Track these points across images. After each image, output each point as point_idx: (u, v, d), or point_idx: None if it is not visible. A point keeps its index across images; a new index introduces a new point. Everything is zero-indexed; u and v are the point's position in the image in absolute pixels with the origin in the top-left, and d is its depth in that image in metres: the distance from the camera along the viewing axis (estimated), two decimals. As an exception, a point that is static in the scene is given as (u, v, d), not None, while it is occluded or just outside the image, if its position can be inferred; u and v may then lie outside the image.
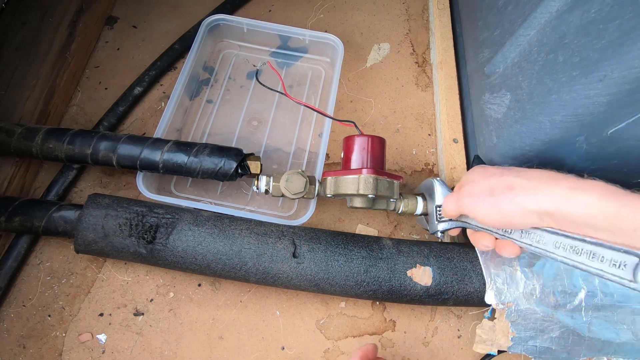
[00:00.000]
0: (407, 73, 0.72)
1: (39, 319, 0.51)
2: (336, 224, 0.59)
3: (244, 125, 0.65)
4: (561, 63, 0.40)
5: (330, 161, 0.63)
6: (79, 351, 0.50)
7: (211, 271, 0.49)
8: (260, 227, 0.50)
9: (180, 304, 0.53)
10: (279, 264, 0.48)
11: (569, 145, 0.44)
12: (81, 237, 0.48)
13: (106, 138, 0.52)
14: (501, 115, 0.51)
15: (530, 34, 0.47)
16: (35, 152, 0.52)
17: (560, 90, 0.40)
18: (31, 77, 0.61)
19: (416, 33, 0.76)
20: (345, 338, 0.53)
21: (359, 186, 0.47)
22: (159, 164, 0.51)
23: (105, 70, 0.69)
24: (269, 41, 0.70)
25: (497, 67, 0.53)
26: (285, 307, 0.54)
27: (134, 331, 0.51)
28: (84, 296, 0.53)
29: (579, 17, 0.38)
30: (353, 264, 0.48)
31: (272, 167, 0.62)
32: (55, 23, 0.66)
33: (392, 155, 0.65)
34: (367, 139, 0.50)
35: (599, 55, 0.35)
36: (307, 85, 0.69)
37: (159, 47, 0.71)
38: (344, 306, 0.54)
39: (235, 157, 0.51)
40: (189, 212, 0.50)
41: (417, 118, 0.68)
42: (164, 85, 0.69)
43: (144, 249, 0.48)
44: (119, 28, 0.74)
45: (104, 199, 0.50)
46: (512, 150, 0.50)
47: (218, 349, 0.51)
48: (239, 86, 0.68)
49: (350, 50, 0.73)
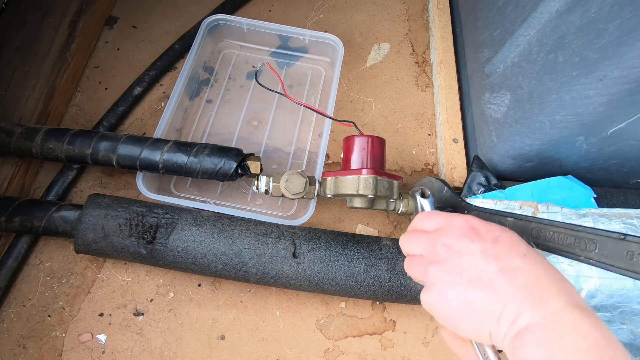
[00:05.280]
0: (407, 73, 0.72)
1: (39, 319, 0.51)
2: (336, 224, 0.59)
3: (244, 125, 0.65)
4: (561, 63, 0.40)
5: (330, 161, 0.63)
6: (79, 351, 0.50)
7: (211, 271, 0.49)
8: (260, 227, 0.50)
9: (180, 304, 0.53)
10: (279, 264, 0.47)
11: (569, 145, 0.44)
12: (81, 237, 0.48)
13: (106, 138, 0.52)
14: (501, 115, 0.51)
15: (530, 34, 0.47)
16: (35, 152, 0.52)
17: (560, 90, 0.40)
18: (31, 77, 0.61)
19: (416, 33, 0.76)
20: (345, 338, 0.53)
21: (359, 186, 0.47)
22: (159, 164, 0.51)
23: (105, 70, 0.69)
24: (269, 41, 0.70)
25: (497, 67, 0.54)
26: (285, 307, 0.54)
27: (134, 331, 0.51)
28: (84, 296, 0.53)
29: (579, 17, 0.38)
30: (353, 264, 0.48)
31: (272, 167, 0.62)
32: (55, 23, 0.66)
33: (392, 155, 0.65)
34: (367, 139, 0.50)
35: (599, 55, 0.35)
36: (307, 85, 0.69)
37: (159, 47, 0.71)
38: (344, 306, 0.54)
39: (235, 157, 0.51)
40: (189, 212, 0.50)
41: (417, 118, 0.68)
42: (164, 85, 0.69)
43: (144, 249, 0.48)
44: (119, 28, 0.74)
45: (104, 199, 0.50)
46: (512, 150, 0.50)
47: (218, 349, 0.51)
48: (239, 86, 0.68)
49: (350, 50, 0.73)
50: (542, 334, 0.25)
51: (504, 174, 0.55)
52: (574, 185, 0.48)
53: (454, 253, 0.31)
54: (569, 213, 0.46)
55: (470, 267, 0.30)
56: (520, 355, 0.25)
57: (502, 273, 0.28)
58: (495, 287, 0.28)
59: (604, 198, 0.50)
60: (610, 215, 0.45)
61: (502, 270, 0.28)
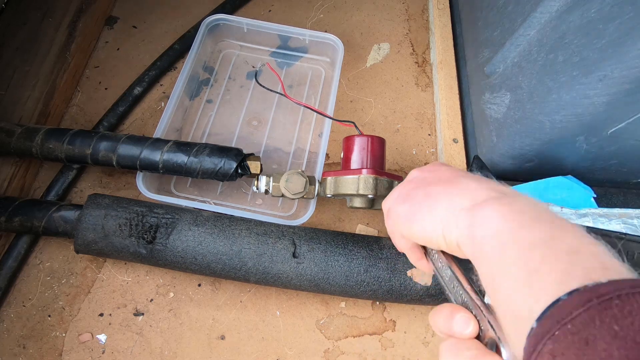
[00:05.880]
0: (407, 73, 0.72)
1: (39, 319, 0.51)
2: (336, 224, 0.59)
3: (244, 125, 0.65)
4: (561, 63, 0.40)
5: (330, 161, 0.63)
6: (79, 351, 0.50)
7: (211, 271, 0.49)
8: (260, 227, 0.50)
9: (180, 304, 0.53)
10: (279, 264, 0.47)
11: (569, 145, 0.44)
12: (81, 237, 0.48)
13: (106, 138, 0.52)
14: (501, 115, 0.51)
15: (530, 33, 0.47)
16: (35, 152, 0.52)
17: (560, 90, 0.40)
18: (31, 77, 0.61)
19: (416, 33, 0.76)
20: (345, 338, 0.53)
21: (359, 186, 0.47)
22: (159, 164, 0.51)
23: (105, 70, 0.69)
24: (269, 41, 0.70)
25: (497, 67, 0.54)
26: (285, 307, 0.54)
27: (134, 331, 0.51)
28: (84, 296, 0.53)
29: (579, 17, 0.38)
30: (353, 264, 0.48)
31: (272, 167, 0.62)
32: (55, 23, 0.66)
33: (392, 155, 0.65)
34: (367, 139, 0.50)
35: (599, 55, 0.35)
36: (307, 85, 0.69)
37: (159, 47, 0.71)
38: (344, 306, 0.54)
39: (235, 157, 0.51)
40: (189, 212, 0.50)
41: (417, 118, 0.68)
42: (164, 85, 0.69)
43: (144, 249, 0.48)
44: (119, 28, 0.74)
45: (104, 199, 0.50)
46: (512, 150, 0.50)
47: (218, 349, 0.51)
48: (239, 86, 0.68)
49: (350, 50, 0.73)
50: (495, 204, 0.26)
51: (504, 174, 0.55)
52: (573, 185, 0.48)
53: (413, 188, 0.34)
54: (568, 213, 0.45)
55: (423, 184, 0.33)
56: (477, 225, 0.26)
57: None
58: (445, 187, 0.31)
59: (604, 198, 0.50)
60: (610, 215, 0.45)
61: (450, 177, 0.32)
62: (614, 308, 0.17)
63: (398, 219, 0.33)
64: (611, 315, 0.17)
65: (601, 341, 0.17)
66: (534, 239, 0.23)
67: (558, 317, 0.18)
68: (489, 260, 0.24)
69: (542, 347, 0.18)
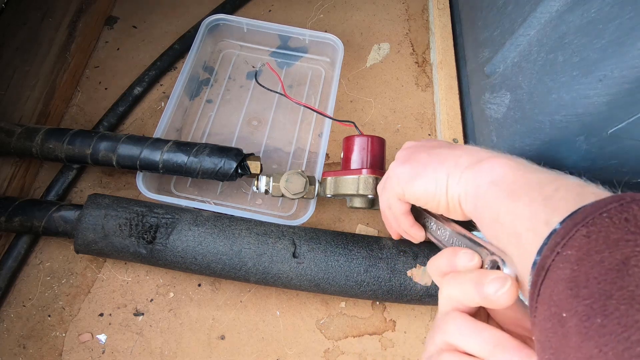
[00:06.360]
0: (407, 73, 0.72)
1: (39, 319, 0.51)
2: (336, 224, 0.59)
3: (244, 125, 0.65)
4: (561, 63, 0.40)
5: (330, 161, 0.63)
6: (79, 351, 0.50)
7: (211, 271, 0.49)
8: (260, 227, 0.50)
9: (180, 304, 0.53)
10: (279, 264, 0.48)
11: (569, 145, 0.44)
12: (81, 237, 0.48)
13: (106, 138, 0.52)
14: (501, 115, 0.51)
15: (530, 33, 0.47)
16: (35, 152, 0.52)
17: (560, 90, 0.40)
18: (31, 77, 0.61)
19: (416, 33, 0.76)
20: (345, 338, 0.53)
21: (359, 186, 0.47)
22: (158, 164, 0.51)
23: (105, 70, 0.69)
24: (269, 41, 0.70)
25: (497, 67, 0.53)
26: (285, 307, 0.54)
27: (134, 331, 0.51)
28: (84, 296, 0.53)
29: (579, 17, 0.38)
30: (353, 264, 0.48)
31: (272, 167, 0.62)
32: (55, 23, 0.66)
33: (392, 155, 0.64)
34: (367, 139, 0.50)
35: (599, 55, 0.35)
36: (307, 85, 0.69)
37: (159, 47, 0.71)
38: (344, 306, 0.54)
39: (235, 157, 0.51)
40: (189, 212, 0.50)
41: (417, 118, 0.68)
42: (164, 85, 0.69)
43: (144, 249, 0.48)
44: (119, 28, 0.74)
45: (104, 199, 0.50)
46: (512, 150, 0.50)
47: (218, 349, 0.51)
48: (239, 86, 0.68)
49: (350, 50, 0.73)
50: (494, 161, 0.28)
51: (504, 174, 0.55)
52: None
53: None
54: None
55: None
56: (483, 172, 0.28)
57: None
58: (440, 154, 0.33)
59: (604, 198, 0.50)
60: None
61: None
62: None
63: (399, 180, 0.34)
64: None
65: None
66: (541, 179, 0.24)
67: (587, 213, 0.19)
68: (492, 204, 0.26)
69: (567, 241, 0.19)
